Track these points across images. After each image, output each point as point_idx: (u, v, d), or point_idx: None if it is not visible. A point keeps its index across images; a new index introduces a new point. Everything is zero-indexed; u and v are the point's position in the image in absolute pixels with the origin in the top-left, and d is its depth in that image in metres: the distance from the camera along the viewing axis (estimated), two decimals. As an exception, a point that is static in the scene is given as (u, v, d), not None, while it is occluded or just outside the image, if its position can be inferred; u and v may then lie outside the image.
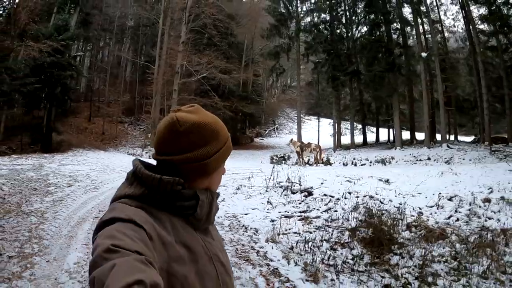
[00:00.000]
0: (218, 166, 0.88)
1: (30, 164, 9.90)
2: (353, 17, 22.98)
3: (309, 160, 16.18)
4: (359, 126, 27.06)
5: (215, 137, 0.85)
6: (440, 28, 22.01)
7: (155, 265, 0.63)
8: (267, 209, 6.02)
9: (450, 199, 6.75)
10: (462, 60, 22.68)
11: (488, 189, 7.41)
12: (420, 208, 6.52)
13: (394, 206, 6.37)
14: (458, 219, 5.87)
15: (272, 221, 5.37)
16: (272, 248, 4.19)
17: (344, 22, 23.43)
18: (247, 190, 7.41)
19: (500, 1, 17.85)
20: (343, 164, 15.70)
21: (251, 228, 5.01)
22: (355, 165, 15.44)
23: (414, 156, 15.38)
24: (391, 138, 23.11)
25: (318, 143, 19.96)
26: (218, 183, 0.92)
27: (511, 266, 4.38)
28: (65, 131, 19.07)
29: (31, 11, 15.22)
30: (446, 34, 22.91)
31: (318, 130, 24.69)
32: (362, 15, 22.28)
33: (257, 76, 31.53)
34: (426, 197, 7.06)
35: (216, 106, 21.55)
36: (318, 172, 10.12)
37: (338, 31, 23.49)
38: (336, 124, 22.79)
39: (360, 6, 22.21)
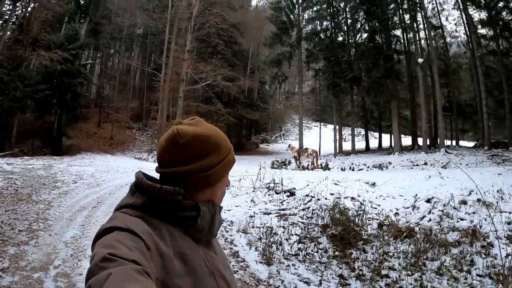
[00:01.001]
0: (220, 178, 0.87)
1: (40, 164, 10.55)
2: (354, 24, 23.18)
3: (308, 165, 16.51)
4: (363, 132, 27.19)
5: (216, 149, 0.85)
6: (442, 33, 22.12)
7: (152, 275, 0.62)
8: (249, 207, 6.43)
9: (428, 201, 7.01)
10: (464, 65, 22.71)
11: (469, 191, 7.65)
12: (397, 209, 6.82)
13: (372, 207, 6.69)
14: (430, 220, 6.15)
15: (251, 217, 5.77)
16: (241, 237, 4.62)
17: (345, 29, 23.66)
18: (235, 190, 7.84)
19: (500, 6, 17.98)
20: (341, 169, 15.90)
21: (227, 221, 5.46)
22: (353, 170, 15.64)
23: (411, 161, 15.50)
24: (393, 143, 23.24)
25: (319, 149, 20.25)
26: (221, 195, 0.91)
27: (470, 265, 4.65)
28: (75, 135, 19.89)
29: (43, 22, 16.09)
30: (448, 39, 22.99)
31: (319, 136, 24.98)
32: (363, 22, 22.55)
33: (262, 83, 32.01)
34: (405, 199, 7.33)
35: (220, 112, 22.12)
36: (311, 176, 10.43)
37: (340, 38, 23.75)
38: (337, 130, 23.01)
39: (360, 14, 22.47)
